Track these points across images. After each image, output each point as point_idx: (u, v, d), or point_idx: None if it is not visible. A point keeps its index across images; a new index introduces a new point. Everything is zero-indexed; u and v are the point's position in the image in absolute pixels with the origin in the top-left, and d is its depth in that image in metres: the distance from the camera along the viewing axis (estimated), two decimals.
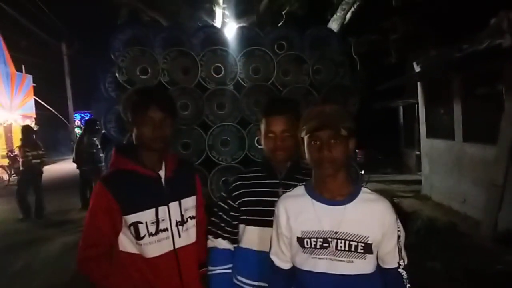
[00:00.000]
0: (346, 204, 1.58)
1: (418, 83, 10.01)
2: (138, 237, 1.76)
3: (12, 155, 14.99)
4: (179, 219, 1.89)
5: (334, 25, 8.57)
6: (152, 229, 1.79)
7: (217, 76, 4.02)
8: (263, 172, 2.07)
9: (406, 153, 14.65)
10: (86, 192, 9.06)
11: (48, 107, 19.78)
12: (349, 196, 1.60)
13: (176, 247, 1.86)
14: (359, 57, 12.36)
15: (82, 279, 1.81)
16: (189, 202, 1.97)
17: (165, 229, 1.83)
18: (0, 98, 15.51)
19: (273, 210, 1.80)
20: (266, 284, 1.87)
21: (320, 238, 1.57)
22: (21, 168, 8.77)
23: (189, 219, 1.94)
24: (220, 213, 2.08)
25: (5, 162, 15.38)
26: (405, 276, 1.64)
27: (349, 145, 1.58)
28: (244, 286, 2.01)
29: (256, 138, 3.94)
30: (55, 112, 19.86)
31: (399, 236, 1.61)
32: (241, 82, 3.98)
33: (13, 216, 8.71)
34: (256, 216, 1.98)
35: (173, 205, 1.87)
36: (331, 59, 4.16)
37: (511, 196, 5.97)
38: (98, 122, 7.66)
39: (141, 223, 1.76)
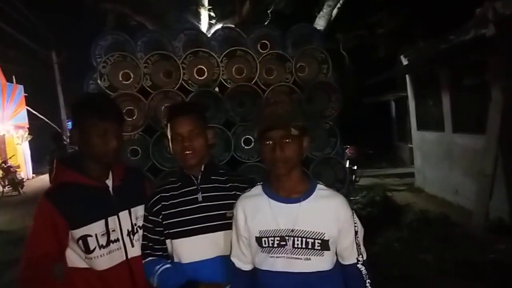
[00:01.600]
0: (301, 201, 1.59)
1: (407, 76, 10.03)
2: (87, 250, 1.69)
3: (6, 166, 14.93)
4: (130, 228, 1.83)
5: (321, 21, 8.57)
6: (103, 241, 1.72)
7: (200, 78, 4.01)
8: (179, 181, 1.99)
9: (399, 146, 14.71)
10: None
11: (41, 116, 19.67)
12: (304, 194, 1.61)
13: (129, 257, 1.81)
14: (348, 53, 12.40)
15: None
16: (140, 210, 1.89)
17: (116, 240, 1.77)
18: None
19: (196, 218, 1.82)
20: None
21: (277, 236, 1.58)
22: None
23: (139, 228, 1.87)
24: (146, 233, 1.94)
25: None
26: (364, 271, 1.64)
27: (303, 144, 1.60)
28: None
29: (243, 138, 3.95)
30: (48, 121, 19.75)
31: (356, 232, 1.62)
32: (225, 83, 3.98)
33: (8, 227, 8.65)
34: (180, 228, 1.89)
35: (123, 214, 1.81)
36: (314, 56, 4.16)
37: (501, 185, 5.99)
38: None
39: (91, 236, 1.70)
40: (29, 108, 19.27)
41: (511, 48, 5.96)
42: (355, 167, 9.27)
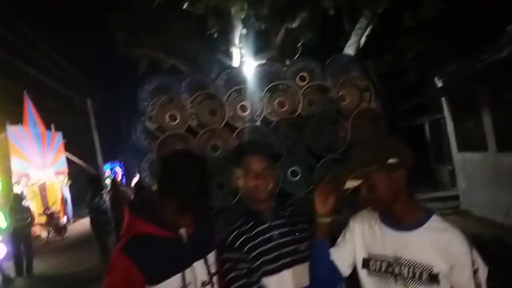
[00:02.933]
0: (411, 230, 1.58)
1: (443, 98, 9.91)
2: None
3: (49, 213, 15.32)
4: (205, 279, 1.76)
5: (349, 50, 8.66)
6: None
7: (243, 114, 4.09)
8: (251, 221, 2.00)
9: (438, 169, 14.34)
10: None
11: (79, 161, 20.26)
12: (416, 223, 1.59)
13: None
14: (379, 79, 12.36)
15: None
16: (213, 257, 1.85)
17: None
18: (33, 158, 16.04)
19: (274, 257, 1.87)
20: None
21: (385, 261, 1.59)
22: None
23: (214, 275, 1.82)
24: (238, 273, 1.89)
25: (43, 220, 15.72)
26: None
27: (395, 179, 1.63)
28: None
29: (290, 170, 3.96)
30: (86, 165, 20.30)
31: (476, 270, 1.52)
32: (268, 117, 4.03)
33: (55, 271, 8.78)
34: (268, 266, 1.91)
35: (198, 264, 1.75)
36: (354, 85, 4.19)
37: None
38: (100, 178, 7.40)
39: None
40: (68, 154, 19.89)
41: None
42: None
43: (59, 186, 19.05)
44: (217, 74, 4.39)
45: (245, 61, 8.43)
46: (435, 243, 1.55)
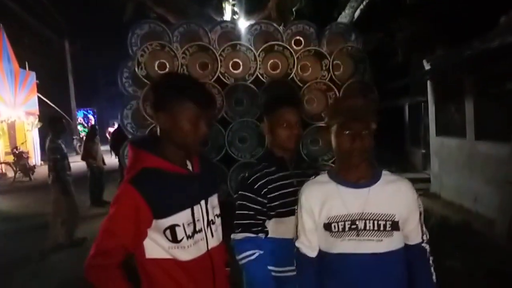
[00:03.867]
0: (370, 186, 1.68)
1: (428, 81, 9.96)
2: (175, 240, 1.60)
3: (17, 152, 14.96)
4: (210, 218, 1.77)
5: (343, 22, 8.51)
6: (189, 231, 1.64)
7: (235, 71, 3.97)
8: (273, 166, 2.19)
9: (412, 151, 14.59)
10: (95, 189, 9.08)
11: (51, 104, 19.66)
12: (372, 179, 1.70)
13: (209, 248, 1.75)
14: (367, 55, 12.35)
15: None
16: (215, 199, 1.86)
17: (200, 230, 1.70)
18: (4, 95, 15.48)
19: (292, 201, 1.95)
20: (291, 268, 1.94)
21: (348, 220, 1.66)
22: None
23: (216, 217, 1.82)
24: (242, 211, 2.14)
25: (10, 159, 15.35)
26: (428, 250, 1.74)
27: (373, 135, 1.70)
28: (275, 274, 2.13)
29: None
30: (58, 109, 19.74)
31: (420, 213, 1.72)
32: (260, 77, 3.93)
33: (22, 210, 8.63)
34: (282, 208, 2.12)
35: (203, 204, 1.75)
36: (351, 55, 4.11)
37: None
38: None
39: (179, 225, 1.61)
40: (40, 95, 19.25)
41: None
42: None
43: (29, 127, 18.54)
44: (212, 27, 4.24)
45: (237, 19, 8.20)
46: (394, 194, 1.67)
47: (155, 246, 1.61)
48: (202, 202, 1.74)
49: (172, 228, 1.60)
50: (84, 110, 33.23)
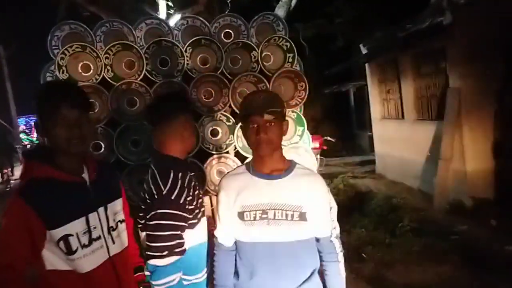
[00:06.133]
0: (281, 178, 1.76)
1: (366, 65, 10.20)
2: (70, 251, 1.57)
3: None
4: (111, 225, 1.75)
5: (280, 11, 8.55)
6: (85, 239, 1.61)
7: (163, 68, 3.89)
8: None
9: (359, 134, 15.01)
10: None
11: None
12: (285, 171, 1.78)
13: (111, 254, 1.72)
14: (307, 43, 12.45)
15: None
16: (117, 205, 1.84)
17: (98, 238, 1.67)
18: None
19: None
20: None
21: (259, 210, 1.73)
22: None
23: (119, 223, 1.81)
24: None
25: None
26: (337, 244, 1.83)
27: (283, 127, 1.78)
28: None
29: (210, 129, 3.88)
30: None
31: (331, 208, 1.82)
32: (189, 73, 3.88)
33: None
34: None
35: (102, 210, 1.72)
36: (279, 45, 4.12)
37: (459, 168, 6.21)
38: None
39: (72, 235, 1.57)
40: None
41: (467, 35, 6.15)
42: (318, 156, 9.38)
43: None
44: (137, 24, 4.12)
45: (171, 13, 8.05)
46: (303, 186, 1.76)
47: (54, 258, 1.57)
48: (100, 209, 1.71)
49: (65, 238, 1.56)
50: (27, 118, 31.75)
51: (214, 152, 3.80)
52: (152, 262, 1.81)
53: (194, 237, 1.99)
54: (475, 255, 4.43)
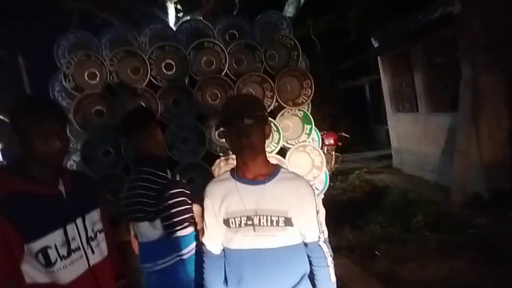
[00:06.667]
0: (265, 183, 1.73)
1: (379, 58, 10.08)
2: (49, 264, 1.58)
3: None
4: (90, 235, 1.77)
5: (290, 8, 8.52)
6: (63, 251, 1.62)
7: (168, 72, 3.92)
8: None
9: (376, 129, 14.84)
10: None
11: (5, 119, 19.05)
12: (269, 176, 1.75)
13: (91, 264, 1.74)
14: (320, 39, 12.35)
15: None
16: (95, 216, 1.85)
17: (77, 249, 1.68)
18: None
19: None
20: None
21: (244, 216, 1.71)
22: None
23: (98, 233, 1.83)
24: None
25: None
26: (325, 249, 1.79)
27: (265, 130, 1.74)
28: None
29: (217, 132, 3.89)
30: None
31: (317, 211, 1.77)
32: (194, 76, 3.90)
33: None
34: None
35: (80, 221, 1.74)
36: (283, 44, 4.10)
37: (475, 160, 6.09)
38: None
39: (50, 247, 1.58)
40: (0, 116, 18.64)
41: (477, 24, 6.02)
42: (333, 153, 9.31)
43: None
44: (140, 30, 4.16)
45: (181, 17, 8.10)
46: (287, 191, 1.73)
47: (33, 271, 1.58)
48: (78, 220, 1.73)
49: (44, 250, 1.57)
50: None
51: (221, 154, 3.82)
52: (178, 234, 2.20)
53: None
54: (493, 249, 4.33)
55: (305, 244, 1.79)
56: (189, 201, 2.37)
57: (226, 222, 1.74)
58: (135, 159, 2.67)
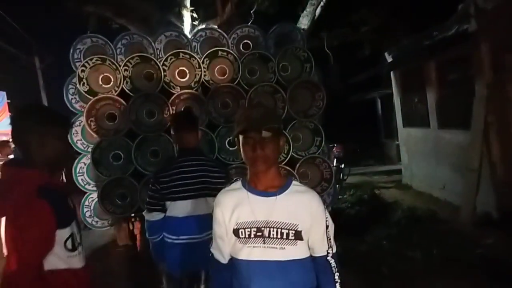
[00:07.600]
0: (277, 195, 1.70)
1: (392, 73, 10.06)
2: (74, 248, 1.74)
3: None
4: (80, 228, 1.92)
5: (305, 20, 8.56)
6: (78, 239, 1.80)
7: (182, 80, 3.96)
8: None
9: (386, 143, 14.73)
10: None
11: None
12: (281, 188, 1.73)
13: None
14: (333, 52, 12.37)
15: None
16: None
17: (80, 242, 1.83)
18: None
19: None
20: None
21: (254, 227, 1.69)
22: None
23: None
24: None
25: None
26: (333, 264, 1.75)
27: (280, 143, 1.73)
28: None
29: (227, 139, 3.91)
30: None
31: (327, 226, 1.74)
32: (207, 84, 3.93)
33: None
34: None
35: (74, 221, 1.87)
36: (296, 56, 4.13)
37: (487, 179, 6.02)
38: None
39: (74, 234, 1.76)
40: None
41: (493, 42, 5.99)
42: (343, 166, 9.25)
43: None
44: (156, 37, 4.21)
45: (196, 25, 8.17)
46: (298, 204, 1.71)
47: (54, 258, 1.68)
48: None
49: (71, 237, 1.72)
50: None
51: (232, 163, 3.83)
52: None
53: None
54: (501, 269, 4.26)
55: (313, 258, 1.76)
56: None
57: (236, 232, 1.73)
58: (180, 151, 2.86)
